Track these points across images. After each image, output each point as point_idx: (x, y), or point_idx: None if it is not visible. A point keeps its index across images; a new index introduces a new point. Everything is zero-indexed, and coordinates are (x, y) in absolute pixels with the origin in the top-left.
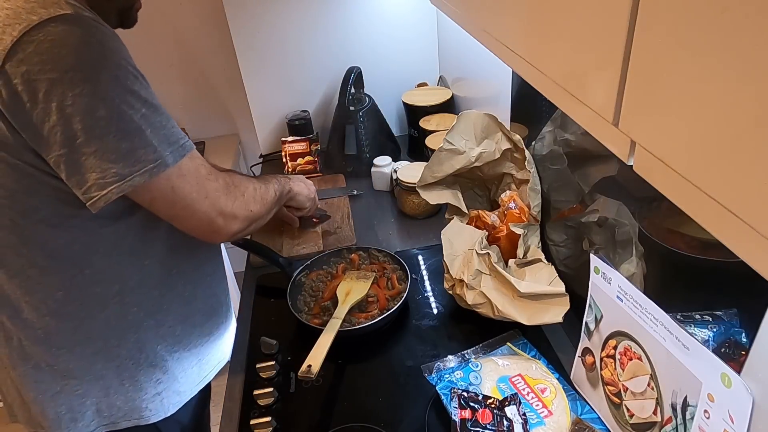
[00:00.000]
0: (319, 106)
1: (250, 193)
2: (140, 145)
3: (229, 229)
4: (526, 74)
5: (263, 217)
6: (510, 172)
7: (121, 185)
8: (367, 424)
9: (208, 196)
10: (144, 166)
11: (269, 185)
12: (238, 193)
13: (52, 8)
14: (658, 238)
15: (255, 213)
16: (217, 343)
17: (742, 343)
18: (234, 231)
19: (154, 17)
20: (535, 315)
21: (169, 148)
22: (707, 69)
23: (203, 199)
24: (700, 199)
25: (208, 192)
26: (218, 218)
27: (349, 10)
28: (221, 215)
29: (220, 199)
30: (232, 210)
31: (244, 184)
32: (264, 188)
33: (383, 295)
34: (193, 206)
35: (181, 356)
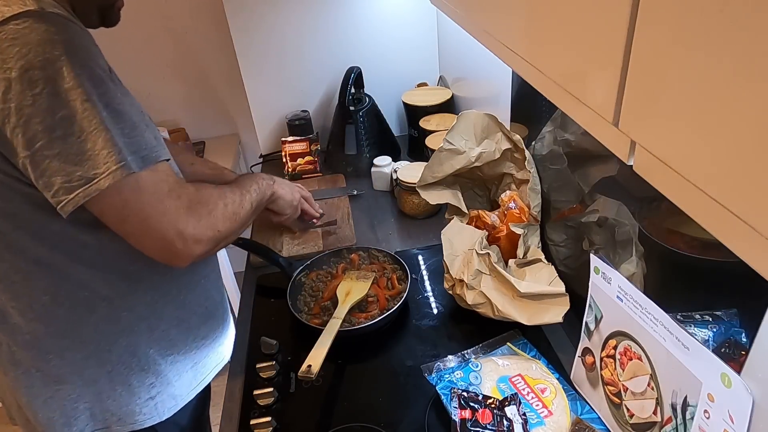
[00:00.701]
0: (319, 106)
1: (220, 211)
2: (103, 147)
3: (190, 252)
4: (526, 74)
5: (236, 233)
6: (510, 172)
7: (87, 189)
8: (367, 424)
9: (166, 215)
10: (108, 169)
11: (245, 196)
12: (205, 211)
13: (15, 5)
14: (658, 238)
15: (224, 232)
16: (214, 346)
17: (742, 343)
18: (196, 255)
19: (154, 17)
20: (535, 315)
21: (130, 156)
22: (707, 69)
23: (160, 218)
24: (700, 199)
25: (167, 210)
26: (177, 241)
27: (349, 10)
28: (180, 237)
29: (180, 219)
30: (194, 232)
31: (214, 201)
32: (238, 201)
33: (383, 295)
34: (146, 225)
35: (176, 360)
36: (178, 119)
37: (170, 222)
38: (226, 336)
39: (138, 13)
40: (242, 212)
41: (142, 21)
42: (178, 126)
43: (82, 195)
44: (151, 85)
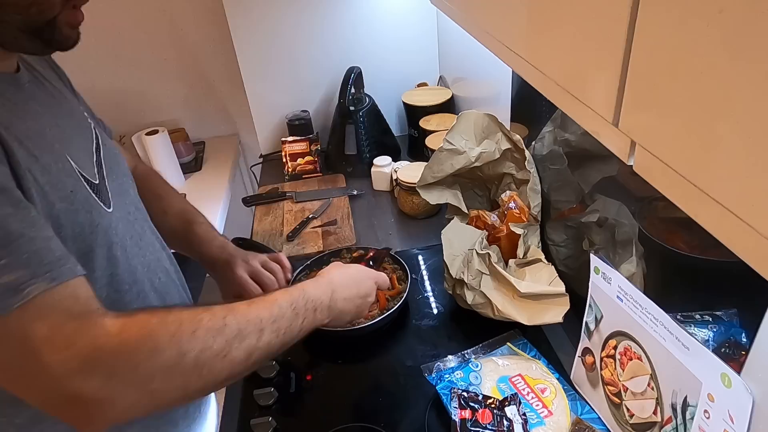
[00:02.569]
0: (319, 106)
1: (167, 362)
2: None
3: (101, 416)
4: (526, 74)
5: (207, 389)
6: (510, 172)
7: None
8: (367, 424)
9: (42, 376)
10: None
11: (250, 338)
12: (124, 364)
13: None
14: (658, 238)
15: (169, 390)
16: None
17: (742, 343)
18: (115, 418)
19: (153, 17)
20: (535, 315)
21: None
22: (707, 68)
23: (32, 381)
24: (700, 199)
25: (45, 369)
26: (72, 406)
27: (349, 10)
28: (76, 401)
29: (72, 379)
30: (99, 393)
31: (154, 347)
32: (226, 348)
33: (383, 295)
34: (16, 390)
35: None
36: (178, 119)
37: (52, 382)
38: (198, 428)
39: (138, 13)
40: (224, 365)
41: (142, 21)
42: (178, 126)
43: None
44: (151, 85)
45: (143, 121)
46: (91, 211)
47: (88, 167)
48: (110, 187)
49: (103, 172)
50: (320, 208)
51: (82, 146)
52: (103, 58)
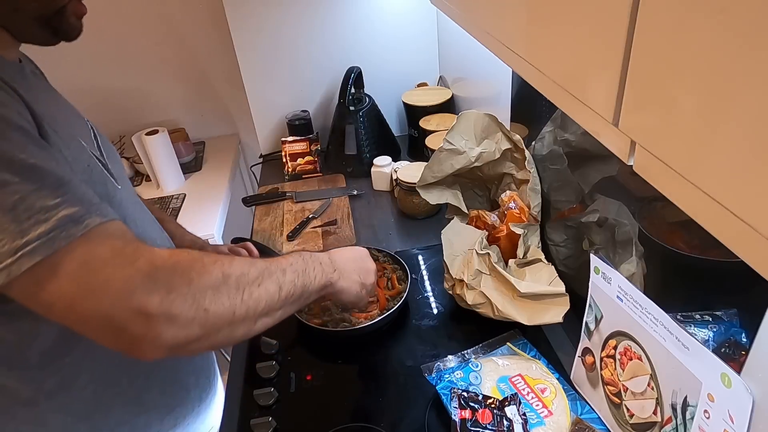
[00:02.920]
0: (319, 106)
1: (210, 281)
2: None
3: (158, 336)
4: (526, 74)
5: (247, 319)
6: (510, 172)
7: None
8: (367, 424)
9: (109, 289)
10: (2, 261)
11: (272, 274)
12: (180, 280)
13: None
14: (658, 238)
15: (218, 314)
16: None
17: (742, 343)
18: (171, 341)
19: (153, 17)
20: (535, 315)
21: (37, 239)
22: (707, 68)
23: (100, 295)
24: (700, 199)
25: (110, 281)
26: (133, 322)
27: (349, 10)
28: (139, 317)
29: (136, 291)
30: (160, 307)
31: (200, 268)
32: (254, 276)
33: (383, 295)
34: (80, 308)
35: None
36: (178, 119)
37: (118, 297)
38: (208, 411)
39: (138, 14)
40: (261, 293)
41: (142, 21)
42: (178, 126)
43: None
44: (151, 85)
45: (143, 121)
46: (106, 184)
47: (95, 150)
48: (113, 169)
49: (105, 155)
50: (320, 208)
51: (85, 135)
52: (103, 58)
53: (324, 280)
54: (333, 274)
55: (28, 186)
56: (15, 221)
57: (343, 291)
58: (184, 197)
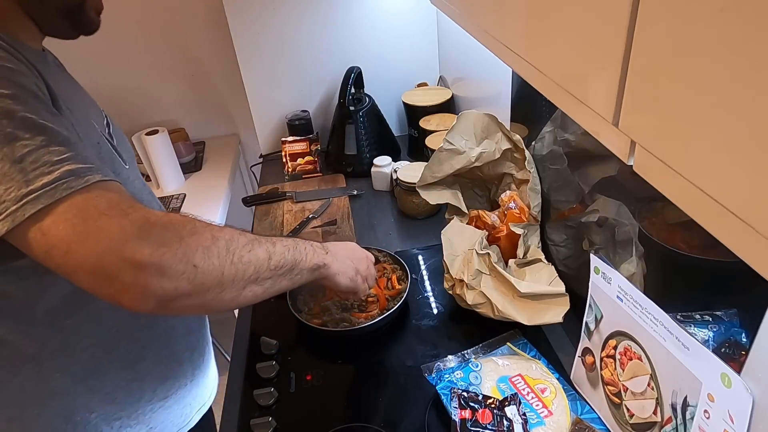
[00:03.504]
0: (319, 106)
1: (201, 241)
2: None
3: (146, 285)
4: (526, 74)
5: (237, 281)
6: (510, 172)
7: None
8: (367, 424)
9: (102, 237)
10: (6, 209)
11: (262, 244)
12: (171, 236)
13: None
14: (658, 238)
15: (207, 271)
16: (177, 408)
17: (742, 343)
18: (159, 291)
19: (153, 17)
20: (535, 315)
21: (42, 188)
22: (707, 68)
23: (93, 242)
24: (700, 199)
25: (103, 230)
26: (123, 270)
27: (349, 10)
28: (128, 265)
29: (127, 241)
30: (150, 258)
31: (191, 228)
32: (244, 243)
33: (383, 295)
34: (75, 253)
35: (124, 425)
36: (178, 119)
37: (111, 244)
38: (200, 388)
39: (138, 14)
40: (251, 258)
41: (143, 21)
42: (178, 126)
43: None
44: (151, 85)
45: (143, 121)
46: (114, 162)
47: (105, 134)
48: (122, 152)
49: (115, 140)
50: (320, 208)
51: (98, 119)
52: (103, 58)
53: (316, 260)
54: (326, 256)
55: (37, 142)
56: (22, 172)
57: (338, 273)
58: (184, 197)
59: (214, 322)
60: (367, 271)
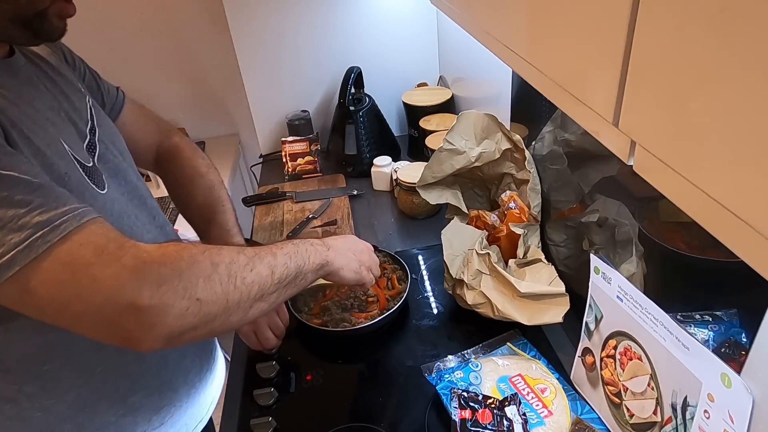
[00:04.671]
0: (319, 106)
1: (204, 270)
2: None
3: (156, 328)
4: (526, 74)
5: (242, 306)
6: (510, 172)
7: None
8: (367, 424)
9: (97, 287)
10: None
11: (263, 258)
12: (169, 272)
13: None
14: (658, 238)
15: (213, 301)
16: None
17: (742, 343)
18: (169, 330)
19: (153, 18)
20: (535, 315)
21: (13, 249)
22: (707, 68)
23: (89, 294)
24: (700, 199)
25: (98, 283)
26: (128, 317)
27: (349, 10)
28: (131, 312)
29: (124, 286)
30: (152, 301)
31: (189, 258)
32: (244, 263)
33: (383, 295)
34: (70, 311)
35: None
36: (178, 119)
37: (108, 295)
38: (198, 405)
39: (138, 14)
40: (254, 278)
41: (143, 21)
42: (178, 126)
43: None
44: (151, 85)
45: None
46: (84, 193)
47: (81, 151)
48: (104, 168)
49: (96, 154)
50: (320, 208)
51: (76, 129)
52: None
53: (319, 260)
54: (328, 253)
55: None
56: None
57: (342, 268)
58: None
59: None
60: (370, 260)
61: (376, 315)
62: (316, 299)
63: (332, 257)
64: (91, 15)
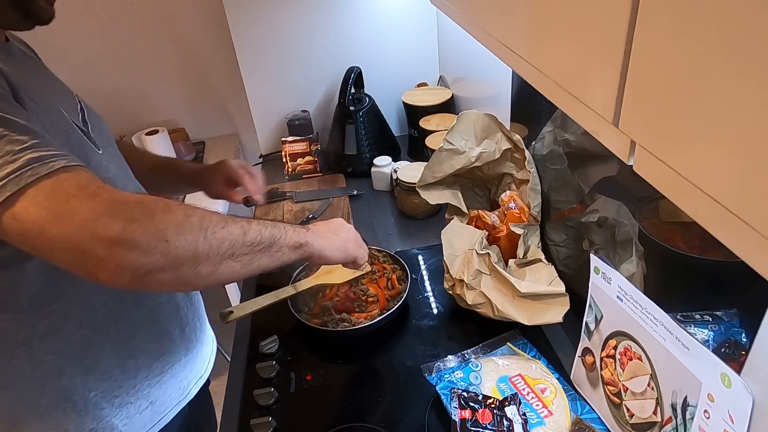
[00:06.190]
0: (319, 106)
1: (173, 217)
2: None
3: (120, 259)
4: (526, 74)
5: (212, 258)
6: (510, 172)
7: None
8: (367, 424)
9: (73, 216)
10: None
11: (237, 222)
12: (142, 212)
13: None
14: (658, 238)
15: (181, 247)
16: (174, 381)
17: (742, 343)
18: (136, 265)
19: (154, 17)
20: (535, 315)
21: (6, 177)
22: (707, 69)
23: (65, 222)
24: (700, 199)
25: (74, 210)
26: (98, 246)
27: (349, 10)
28: (100, 241)
29: (98, 219)
30: (122, 234)
31: (163, 207)
32: (217, 221)
33: (383, 295)
34: (49, 234)
35: (124, 401)
36: (178, 119)
37: (83, 223)
38: (195, 361)
39: (138, 14)
40: (224, 234)
41: (143, 21)
42: (178, 126)
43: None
44: (151, 85)
45: (143, 121)
46: (86, 149)
47: (77, 120)
48: (97, 138)
49: (89, 126)
50: (320, 208)
51: (70, 107)
52: (103, 59)
53: (297, 238)
54: (307, 235)
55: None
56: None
57: (323, 249)
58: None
59: (214, 321)
60: (357, 238)
61: (376, 315)
62: (316, 299)
63: (311, 239)
64: (91, 15)
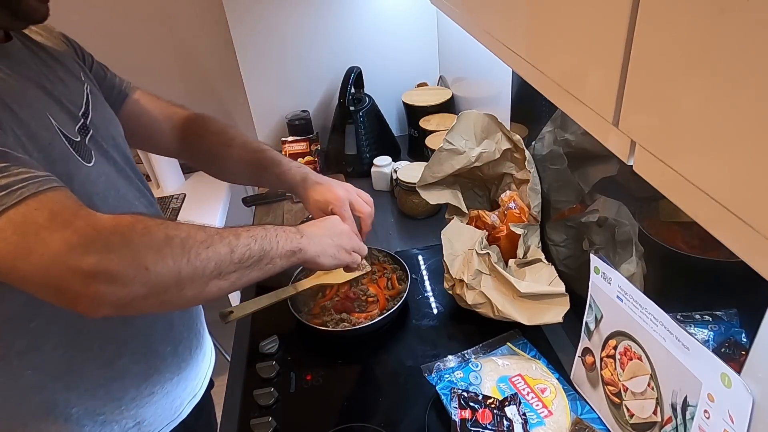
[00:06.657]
0: (319, 106)
1: (152, 241)
2: None
3: (101, 294)
4: (526, 74)
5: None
6: (510, 172)
7: None
8: (367, 424)
9: (44, 250)
10: None
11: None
12: (118, 240)
13: None
14: (658, 238)
15: (162, 273)
16: (165, 401)
17: (742, 343)
18: (115, 297)
19: (153, 17)
20: (535, 315)
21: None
22: (707, 69)
23: (36, 257)
24: (700, 199)
25: (48, 245)
26: (73, 281)
27: (349, 10)
28: (77, 276)
29: (71, 251)
30: (98, 267)
31: (142, 230)
32: (202, 239)
33: (383, 295)
34: (21, 270)
35: (108, 420)
36: None
37: (55, 257)
38: (188, 379)
39: (138, 14)
40: (210, 254)
41: (143, 21)
42: None
43: None
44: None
45: None
46: (68, 163)
47: (69, 128)
48: (93, 146)
49: (87, 136)
50: None
51: (67, 110)
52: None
53: (290, 246)
54: (301, 240)
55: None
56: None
57: (318, 256)
58: (184, 197)
59: (214, 322)
60: (351, 242)
61: (376, 315)
62: (316, 299)
63: (305, 244)
64: (91, 15)
